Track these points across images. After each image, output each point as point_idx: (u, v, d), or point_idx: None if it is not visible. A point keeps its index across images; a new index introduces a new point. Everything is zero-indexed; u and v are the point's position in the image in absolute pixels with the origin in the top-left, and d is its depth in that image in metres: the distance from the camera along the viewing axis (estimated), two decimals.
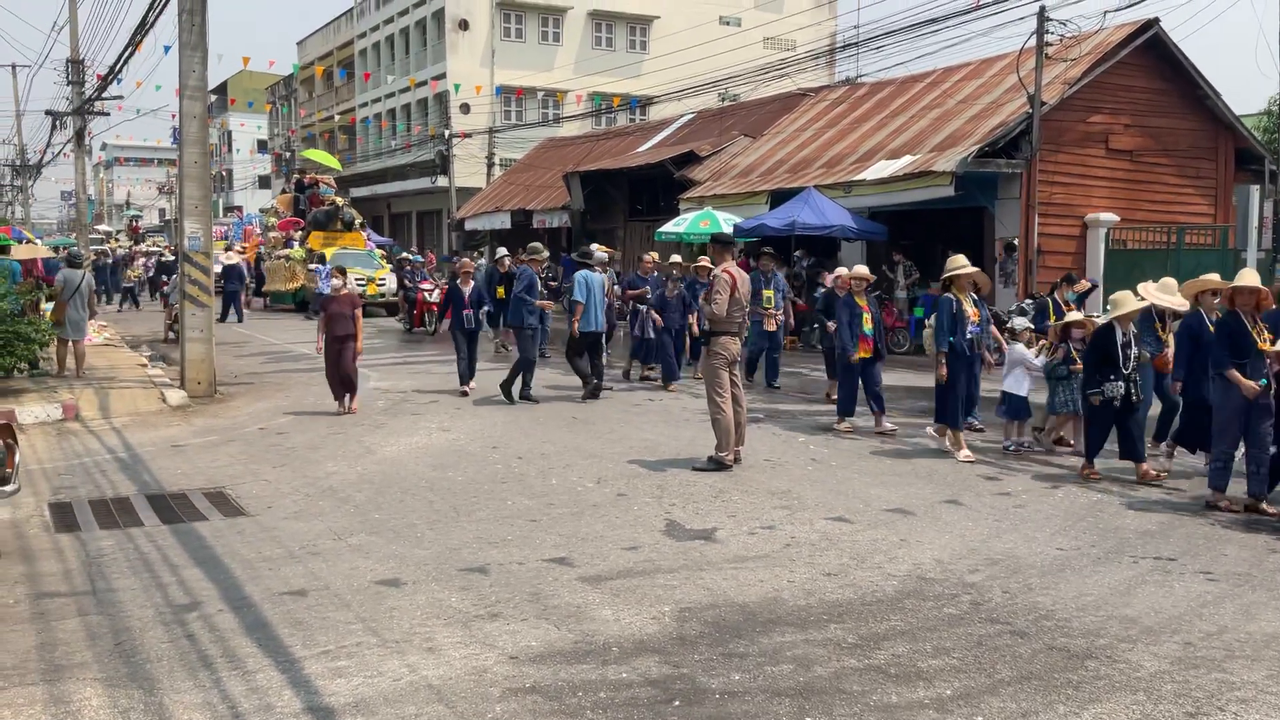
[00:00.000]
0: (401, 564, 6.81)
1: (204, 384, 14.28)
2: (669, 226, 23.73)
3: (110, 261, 37.06)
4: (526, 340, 14.00)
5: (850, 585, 6.42)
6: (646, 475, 9.44)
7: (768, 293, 15.09)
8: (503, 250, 20.81)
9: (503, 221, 36.69)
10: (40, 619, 5.84)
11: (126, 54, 23.46)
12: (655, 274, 16.74)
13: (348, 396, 12.84)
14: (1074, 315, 10.89)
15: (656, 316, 15.30)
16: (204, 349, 14.35)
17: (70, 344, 15.69)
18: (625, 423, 12.27)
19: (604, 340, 14.85)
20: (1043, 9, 19.39)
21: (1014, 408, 10.78)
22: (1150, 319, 10.05)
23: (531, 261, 14.81)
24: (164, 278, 37.26)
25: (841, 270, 13.50)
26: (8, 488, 6.99)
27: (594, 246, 16.90)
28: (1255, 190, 17.83)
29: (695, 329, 14.95)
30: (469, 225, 39.82)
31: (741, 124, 30.13)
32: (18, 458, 7.17)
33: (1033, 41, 19.61)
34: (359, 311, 12.95)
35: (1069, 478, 9.48)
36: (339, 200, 34.15)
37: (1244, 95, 70.05)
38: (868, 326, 11.91)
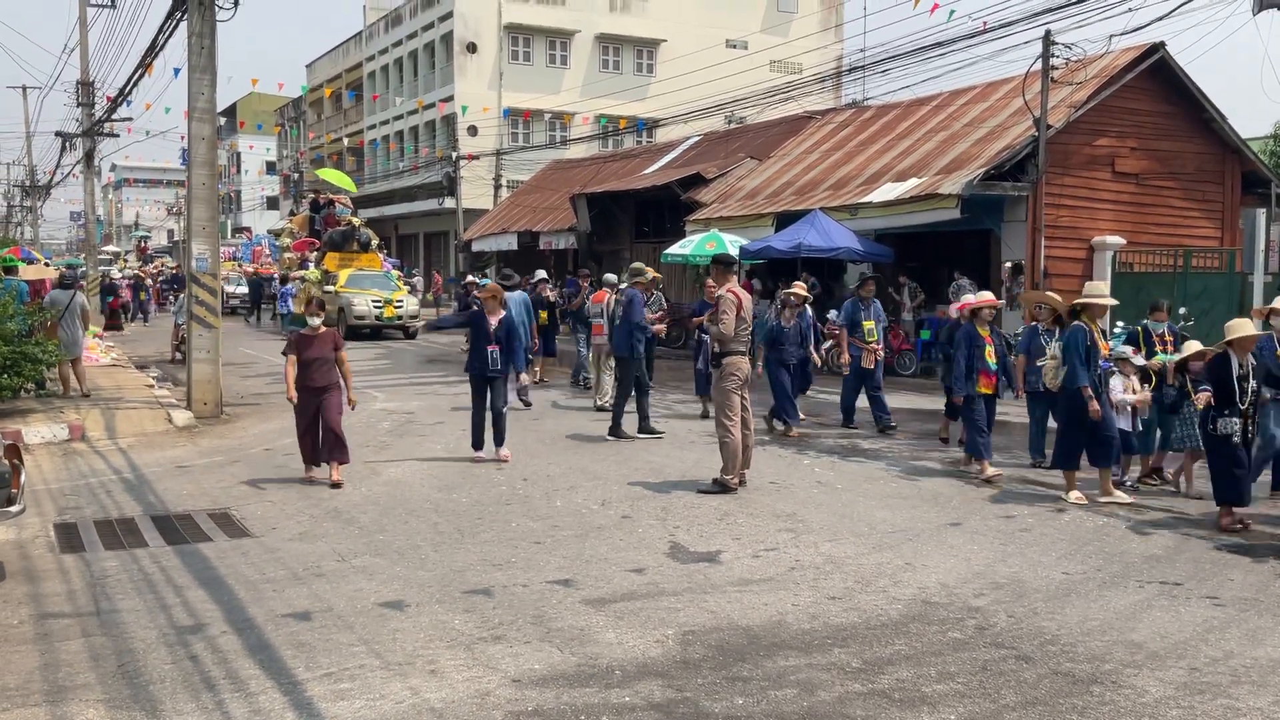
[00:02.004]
0: (405, 586, 6.81)
1: (210, 405, 14.31)
2: (675, 248, 23.78)
3: (110, 282, 37.27)
4: (629, 370, 12.86)
5: (855, 609, 6.40)
6: (651, 497, 9.43)
7: (868, 324, 13.58)
8: (541, 273, 19.54)
9: (509, 243, 36.80)
10: (44, 640, 5.85)
11: (136, 76, 23.61)
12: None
13: (331, 463, 10.11)
14: (1193, 346, 9.83)
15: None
16: (210, 370, 14.39)
17: (71, 362, 15.74)
18: (630, 445, 12.26)
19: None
20: (1048, 33, 19.44)
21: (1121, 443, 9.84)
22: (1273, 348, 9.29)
23: (637, 284, 13.74)
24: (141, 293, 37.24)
25: (969, 297, 12.10)
26: (13, 508, 7.00)
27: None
28: (1262, 214, 17.85)
29: (816, 359, 14.01)
30: (476, 246, 39.94)
31: (748, 146, 30.21)
32: (23, 478, 7.19)
33: (1038, 65, 19.66)
34: (344, 354, 10.27)
35: (1073, 503, 9.44)
36: (355, 220, 33.76)
37: (1250, 119, 70.13)
38: (991, 360, 10.76)
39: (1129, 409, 9.87)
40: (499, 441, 11.24)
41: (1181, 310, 17.10)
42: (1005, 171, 19.86)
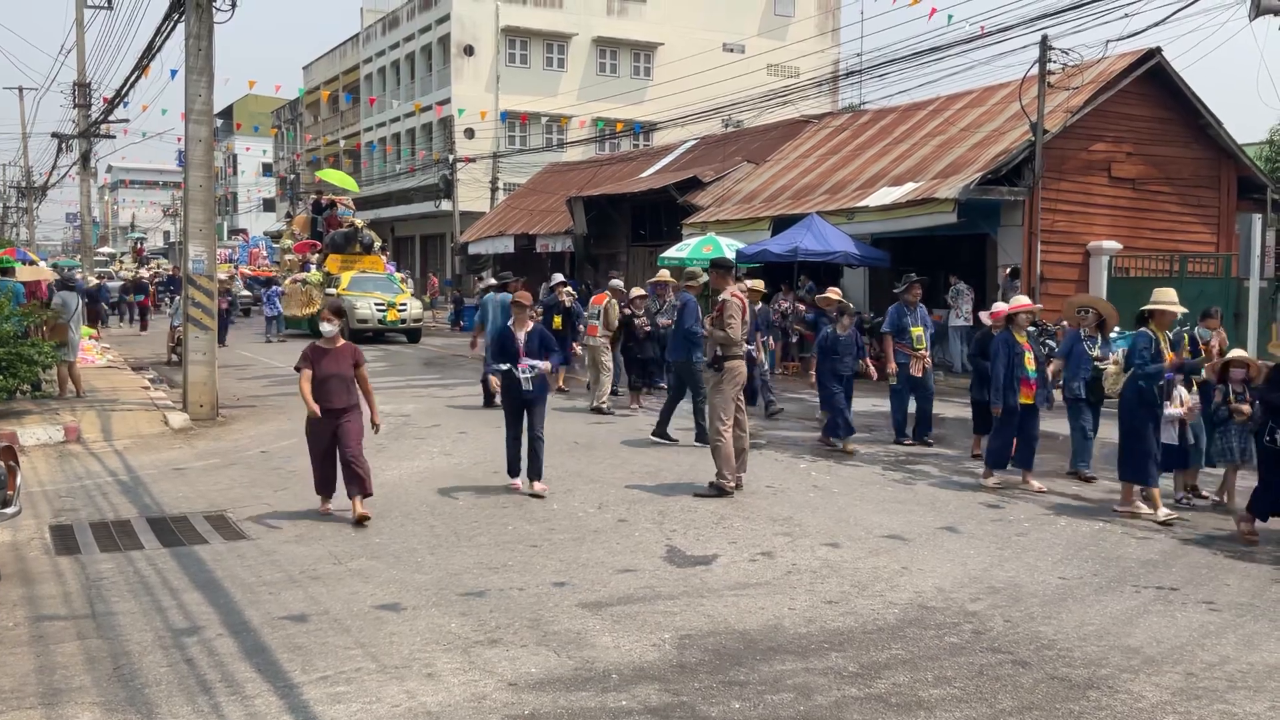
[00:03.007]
0: (402, 589, 6.80)
1: (206, 407, 14.28)
2: (672, 252, 23.78)
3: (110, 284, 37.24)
4: (697, 377, 12.13)
5: (851, 613, 6.40)
6: (648, 501, 9.42)
7: (916, 330, 12.55)
8: (558, 276, 18.29)
9: (506, 246, 36.81)
10: (39, 642, 5.83)
11: (133, 78, 23.64)
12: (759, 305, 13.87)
13: (353, 498, 8.63)
14: (1237, 353, 9.26)
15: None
16: (206, 372, 14.37)
17: (69, 365, 15.73)
18: (627, 447, 12.25)
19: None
20: (1045, 38, 19.49)
21: (1168, 458, 9.27)
22: None
23: (690, 288, 13.09)
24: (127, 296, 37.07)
25: (998, 305, 11.53)
26: (9, 510, 6.99)
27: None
28: (1257, 219, 17.84)
29: (873, 372, 12.96)
30: (472, 249, 39.95)
31: (745, 150, 30.25)
32: (19, 480, 7.17)
33: (1035, 70, 19.70)
34: (365, 370, 8.93)
35: (1070, 508, 9.45)
36: (358, 222, 33.03)
37: (1246, 124, 70.31)
38: (1030, 368, 10.15)
39: (1176, 422, 9.21)
40: (535, 474, 9.79)
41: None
42: (1002, 176, 19.91)
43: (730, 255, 20.90)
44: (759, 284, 14.62)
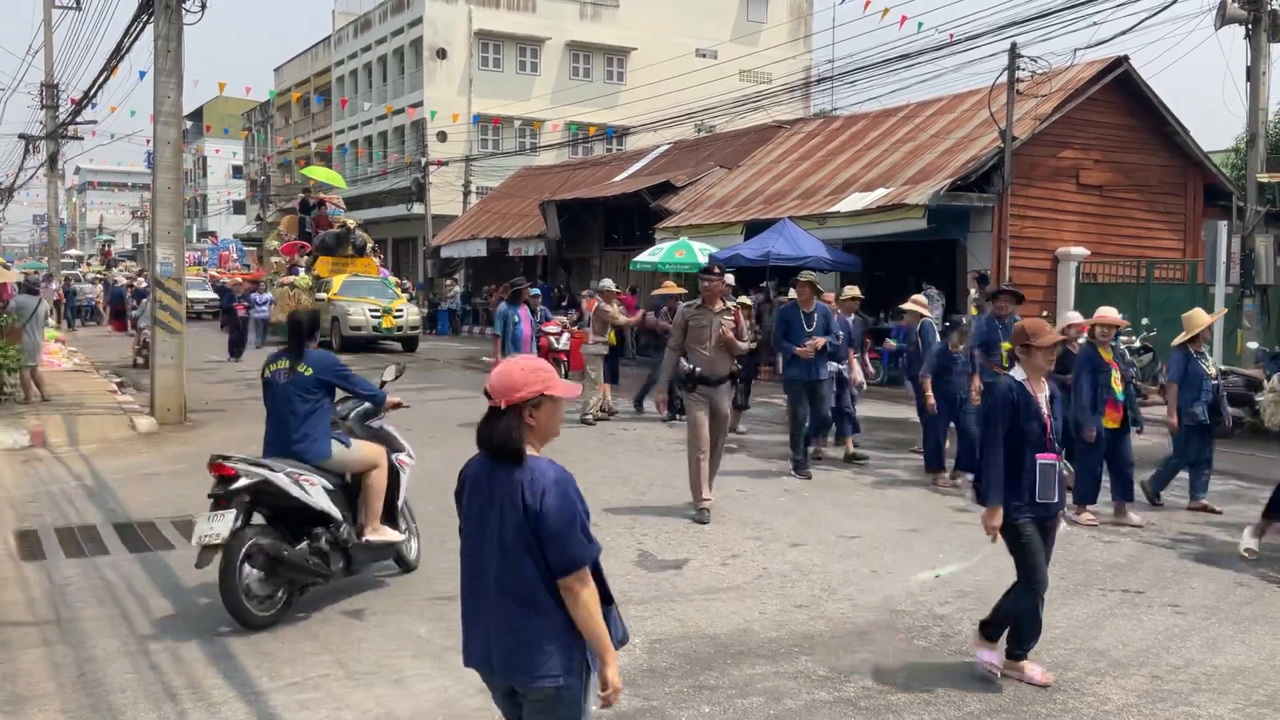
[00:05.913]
0: (371, 594, 6.76)
1: (174, 411, 14.17)
2: (644, 256, 23.81)
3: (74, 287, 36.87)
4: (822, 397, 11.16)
5: (821, 617, 6.42)
6: (619, 505, 9.41)
7: (1008, 345, 10.56)
8: (607, 282, 16.48)
9: (478, 249, 36.73)
10: (3, 649, 5.76)
11: (102, 79, 23.41)
12: (854, 316, 12.68)
13: None
14: None
15: (859, 375, 12.03)
16: (175, 375, 14.25)
17: (31, 369, 15.57)
18: (599, 453, 12.24)
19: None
20: (1014, 46, 19.65)
21: None
22: None
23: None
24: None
25: (1072, 315, 10.65)
26: None
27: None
28: (1223, 226, 18.07)
29: (976, 397, 10.69)
30: (444, 253, 39.84)
31: (717, 155, 30.31)
32: None
33: (1004, 77, 19.85)
34: None
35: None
36: (349, 222, 31.27)
37: (1212, 132, 71.18)
38: (1118, 388, 9.06)
39: None
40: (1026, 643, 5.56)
41: (1145, 321, 17.28)
42: (971, 182, 20.03)
43: (703, 260, 20.94)
44: (854, 290, 13.22)
